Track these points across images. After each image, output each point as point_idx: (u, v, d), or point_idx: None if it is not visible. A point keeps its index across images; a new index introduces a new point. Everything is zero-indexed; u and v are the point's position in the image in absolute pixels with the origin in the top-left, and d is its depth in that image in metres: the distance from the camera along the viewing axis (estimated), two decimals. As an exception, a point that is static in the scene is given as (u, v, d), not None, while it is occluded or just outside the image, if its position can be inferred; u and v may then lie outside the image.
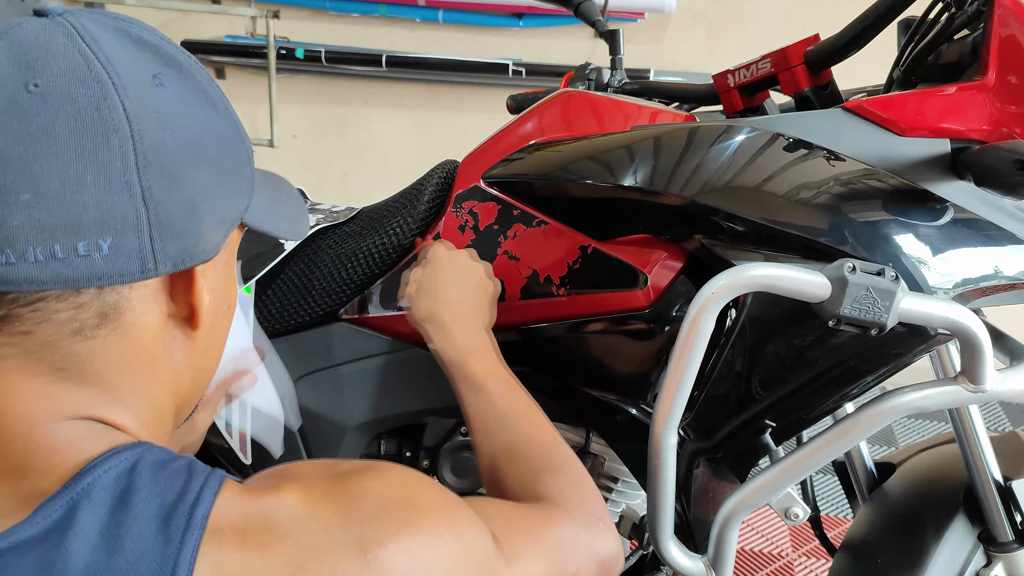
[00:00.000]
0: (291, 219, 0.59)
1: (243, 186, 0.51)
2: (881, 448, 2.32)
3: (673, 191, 0.76)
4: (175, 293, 0.49)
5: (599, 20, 1.22)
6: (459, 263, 0.80)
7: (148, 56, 0.46)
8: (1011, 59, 0.70)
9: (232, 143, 0.50)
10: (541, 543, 0.60)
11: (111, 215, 0.43)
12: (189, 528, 0.42)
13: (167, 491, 0.43)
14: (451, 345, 0.76)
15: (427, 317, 0.78)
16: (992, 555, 0.93)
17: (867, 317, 0.65)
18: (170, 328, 0.49)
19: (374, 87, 2.83)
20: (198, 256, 0.47)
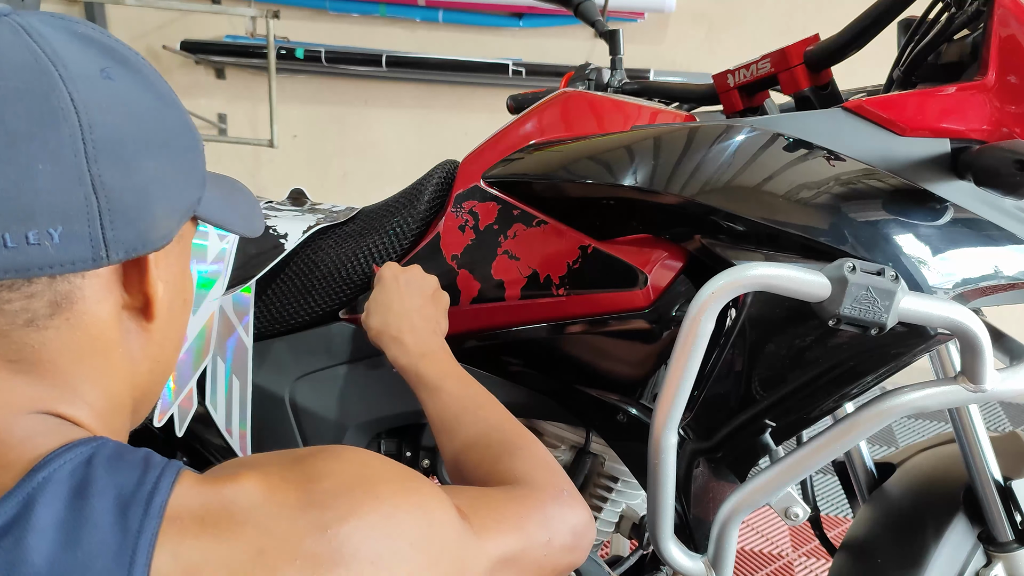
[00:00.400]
0: (244, 216, 0.60)
1: (195, 178, 0.52)
2: (881, 448, 2.32)
3: (673, 191, 0.76)
4: (129, 283, 0.49)
5: (599, 20, 1.22)
6: (404, 279, 0.83)
7: (95, 51, 0.47)
8: (1011, 59, 0.70)
9: (183, 136, 0.51)
10: (509, 517, 0.60)
11: (62, 203, 0.43)
12: (147, 517, 0.42)
13: (124, 483, 0.43)
14: (403, 353, 0.79)
15: (379, 333, 0.81)
16: (992, 555, 0.93)
17: (867, 317, 0.65)
18: (125, 319, 0.50)
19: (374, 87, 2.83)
20: (151, 243, 0.48)
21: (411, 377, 0.78)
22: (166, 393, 0.87)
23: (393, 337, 0.79)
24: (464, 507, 0.55)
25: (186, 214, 0.51)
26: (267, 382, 0.90)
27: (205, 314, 0.88)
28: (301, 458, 0.49)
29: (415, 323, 0.80)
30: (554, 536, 0.62)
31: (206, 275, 0.89)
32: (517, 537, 0.59)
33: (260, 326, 0.90)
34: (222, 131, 2.92)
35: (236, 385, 0.89)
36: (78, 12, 2.82)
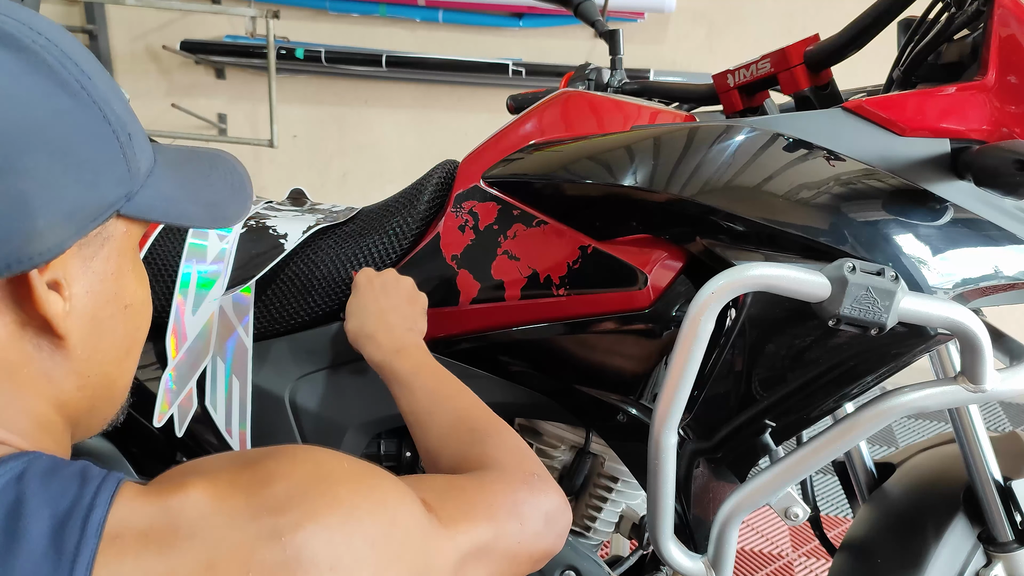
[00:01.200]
0: (209, 205, 0.54)
1: (109, 174, 0.45)
2: (881, 448, 2.32)
3: (673, 191, 0.76)
4: (19, 300, 0.43)
5: (599, 20, 1.22)
6: (379, 282, 0.84)
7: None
8: (1011, 59, 0.70)
9: (91, 128, 0.44)
10: (478, 506, 0.58)
11: None
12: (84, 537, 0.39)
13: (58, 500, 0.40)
14: (377, 350, 0.79)
15: (356, 334, 0.82)
16: (992, 555, 0.93)
17: (867, 317, 0.65)
18: (30, 337, 0.45)
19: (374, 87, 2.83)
20: (30, 258, 0.41)
21: (386, 373, 0.78)
22: (166, 393, 0.87)
23: (368, 336, 0.80)
24: (431, 499, 0.54)
25: (95, 216, 0.45)
26: (267, 382, 0.90)
27: (205, 314, 0.88)
28: (251, 461, 0.46)
29: (390, 321, 0.80)
30: (526, 522, 0.61)
31: (206, 275, 0.89)
32: (487, 526, 0.57)
33: (260, 326, 0.90)
34: (222, 131, 2.92)
35: (236, 385, 0.89)
36: (78, 12, 2.82)
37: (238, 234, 0.92)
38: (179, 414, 0.87)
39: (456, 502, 0.57)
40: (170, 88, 2.91)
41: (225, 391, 0.89)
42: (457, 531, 0.54)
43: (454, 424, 0.71)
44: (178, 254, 0.89)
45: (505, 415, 0.98)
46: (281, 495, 0.43)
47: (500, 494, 0.61)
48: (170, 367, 0.87)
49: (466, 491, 0.59)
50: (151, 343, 0.89)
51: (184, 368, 0.87)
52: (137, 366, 0.82)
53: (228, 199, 0.56)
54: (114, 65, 2.90)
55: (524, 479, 0.63)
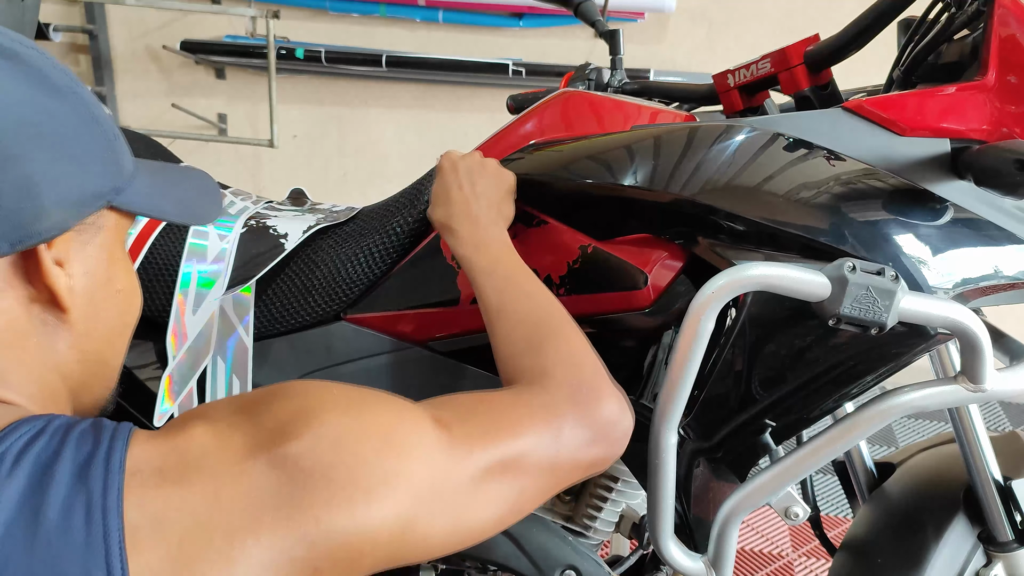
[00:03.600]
0: (181, 204, 0.60)
1: (103, 169, 0.52)
2: (881, 448, 2.32)
3: (673, 191, 0.76)
4: (29, 275, 0.50)
5: (599, 20, 1.22)
6: (463, 166, 0.82)
7: None
8: (1011, 59, 0.70)
9: (81, 127, 0.51)
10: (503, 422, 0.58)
11: None
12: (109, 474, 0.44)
13: (80, 449, 0.45)
14: (460, 243, 0.77)
15: (440, 225, 0.80)
16: (992, 555, 0.93)
17: (867, 316, 0.65)
18: (38, 310, 0.51)
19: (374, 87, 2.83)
20: (39, 234, 0.48)
21: (467, 267, 0.77)
22: (166, 393, 0.87)
23: (450, 228, 0.79)
24: (449, 418, 0.55)
25: (91, 204, 0.52)
26: (267, 382, 0.90)
27: (205, 314, 0.88)
28: (249, 402, 0.51)
29: (473, 213, 0.79)
30: (563, 436, 0.60)
31: (206, 275, 0.89)
32: (512, 442, 0.57)
33: (260, 326, 0.90)
34: (222, 131, 2.92)
35: (236, 385, 0.89)
36: (78, 12, 2.82)
37: (238, 234, 0.92)
38: (179, 414, 0.87)
39: (480, 419, 0.57)
40: (170, 88, 2.92)
41: (225, 391, 0.89)
42: (474, 447, 0.55)
43: (516, 327, 0.70)
44: (178, 254, 0.89)
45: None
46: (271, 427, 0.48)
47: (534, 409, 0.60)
48: (170, 367, 0.87)
49: (494, 408, 0.60)
50: (151, 343, 0.89)
51: (184, 368, 0.87)
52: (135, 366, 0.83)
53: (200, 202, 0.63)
54: (114, 65, 2.90)
55: (570, 392, 0.63)
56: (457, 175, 0.81)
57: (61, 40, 2.80)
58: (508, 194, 0.83)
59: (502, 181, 0.82)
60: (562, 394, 0.62)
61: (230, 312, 0.89)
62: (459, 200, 0.80)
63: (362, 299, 0.92)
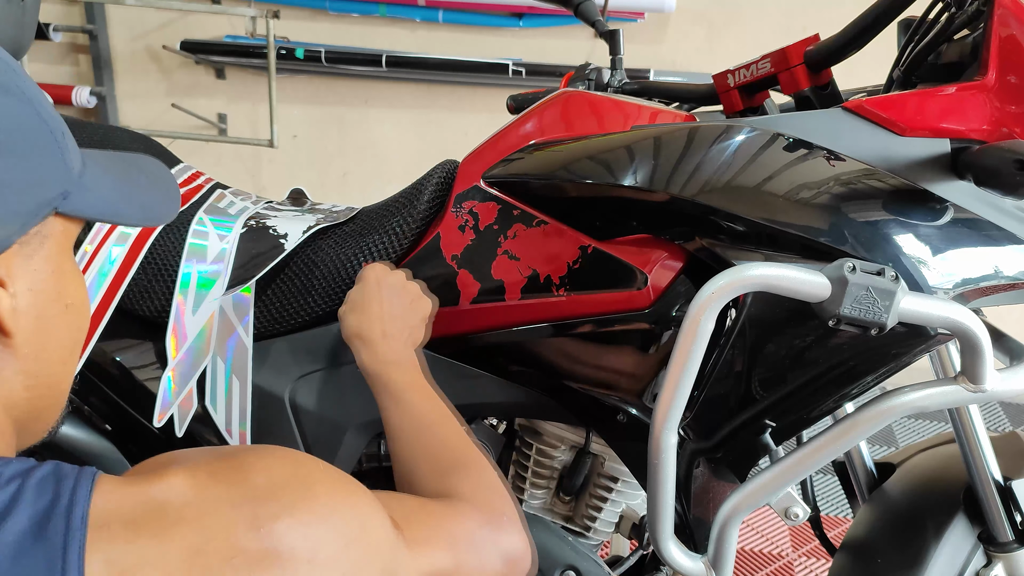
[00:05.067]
0: (143, 206, 0.55)
1: (47, 171, 0.46)
2: (881, 448, 2.32)
3: (673, 191, 0.76)
4: None
5: (599, 20, 1.22)
6: (388, 283, 0.82)
7: None
8: (1011, 59, 0.70)
9: (25, 129, 0.45)
10: (442, 533, 0.60)
11: None
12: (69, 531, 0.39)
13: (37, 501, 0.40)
14: (373, 358, 0.78)
15: (354, 333, 0.80)
16: (992, 555, 0.93)
17: (867, 317, 0.65)
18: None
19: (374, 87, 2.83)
20: None
21: (376, 383, 0.78)
22: (166, 393, 0.87)
23: (364, 340, 0.79)
24: (398, 518, 0.55)
25: (33, 215, 0.46)
26: (267, 382, 0.90)
27: (205, 314, 0.88)
28: (230, 455, 0.48)
29: (389, 330, 0.79)
30: (485, 560, 0.62)
31: (206, 275, 0.89)
32: (447, 555, 0.59)
33: (260, 326, 0.90)
34: (222, 131, 2.92)
35: (236, 385, 0.89)
36: (78, 12, 2.82)
37: (238, 234, 0.92)
38: (179, 414, 0.87)
39: (422, 525, 0.59)
40: (170, 88, 2.91)
41: (225, 391, 0.89)
42: (420, 552, 0.56)
43: (436, 450, 0.72)
44: (178, 254, 0.89)
45: (505, 415, 0.99)
46: (262, 486, 0.45)
47: (464, 526, 0.62)
48: (170, 367, 0.87)
49: (433, 516, 0.61)
50: (151, 343, 0.89)
51: (184, 368, 0.87)
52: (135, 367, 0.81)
53: (158, 199, 0.57)
54: (114, 65, 2.90)
55: (491, 518, 0.65)
56: (379, 291, 0.81)
57: (61, 40, 2.80)
58: (422, 320, 0.83)
59: (421, 307, 0.83)
60: (484, 517, 0.64)
61: (230, 312, 0.88)
62: (376, 315, 0.80)
63: (361, 299, 0.92)
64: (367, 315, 0.80)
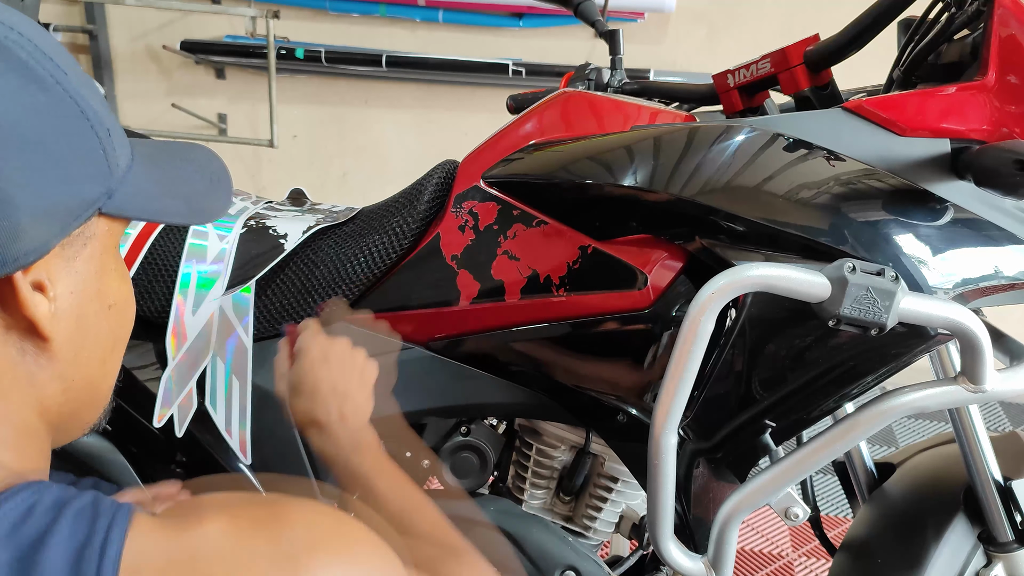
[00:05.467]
0: (189, 199, 0.52)
1: (90, 171, 0.44)
2: (881, 448, 2.32)
3: (673, 191, 0.76)
4: (3, 302, 0.42)
5: (599, 20, 1.22)
6: (336, 355, 0.76)
7: None
8: (1011, 59, 0.70)
9: (67, 124, 0.43)
10: None
11: None
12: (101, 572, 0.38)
13: (72, 535, 0.39)
14: (335, 448, 0.73)
15: (307, 421, 0.74)
16: (992, 555, 0.93)
17: (867, 317, 0.65)
18: (14, 340, 0.43)
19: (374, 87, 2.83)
20: (16, 259, 0.40)
21: (342, 475, 0.73)
22: (166, 393, 0.87)
23: (322, 427, 0.73)
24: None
25: (77, 215, 0.44)
26: (267, 382, 0.90)
27: (205, 314, 0.88)
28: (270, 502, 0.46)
29: (344, 411, 0.73)
30: None
31: (206, 275, 0.89)
32: None
33: (260, 327, 0.90)
34: (222, 131, 2.92)
35: (236, 386, 0.89)
36: (78, 12, 2.82)
37: (238, 234, 0.92)
38: (179, 414, 0.87)
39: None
40: (170, 88, 2.91)
41: (225, 391, 0.89)
42: None
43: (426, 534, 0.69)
44: (178, 254, 0.89)
45: (505, 415, 0.99)
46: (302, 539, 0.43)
47: None
48: (170, 367, 0.87)
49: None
50: (151, 343, 0.89)
51: (184, 368, 0.87)
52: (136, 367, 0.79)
53: (207, 193, 0.54)
54: (114, 65, 2.90)
55: None
56: (328, 368, 0.74)
57: (61, 40, 2.80)
58: (370, 393, 0.77)
59: (369, 376, 0.77)
60: None
61: (229, 312, 0.88)
62: (326, 395, 0.73)
63: (362, 299, 0.91)
64: (318, 399, 0.73)
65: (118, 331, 0.51)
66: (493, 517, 0.93)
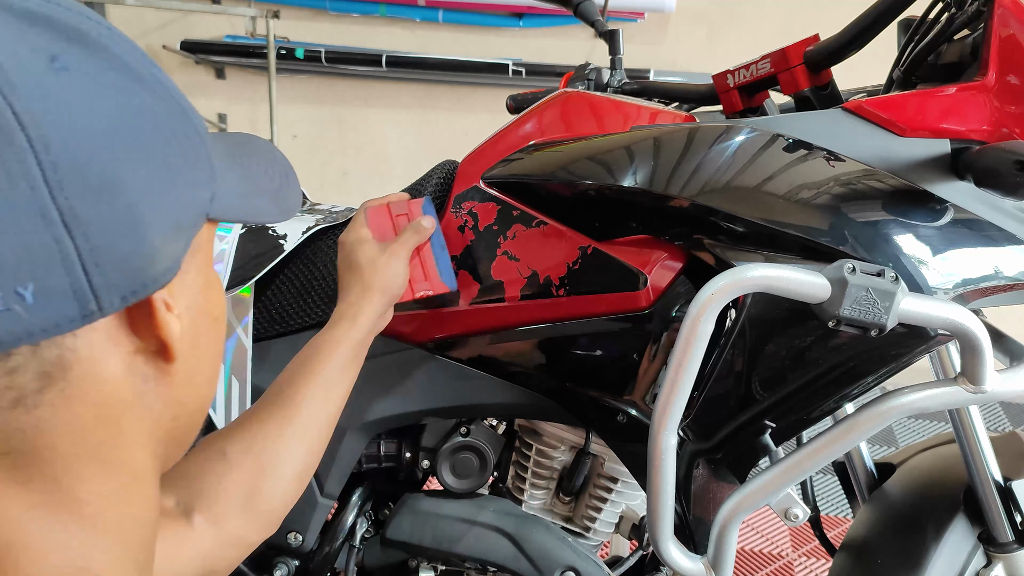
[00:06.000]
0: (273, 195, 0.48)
1: (199, 174, 0.40)
2: (881, 448, 2.32)
3: (673, 192, 0.76)
4: (136, 326, 0.38)
5: (599, 20, 1.22)
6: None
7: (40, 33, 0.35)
8: (1011, 59, 0.70)
9: (173, 124, 0.39)
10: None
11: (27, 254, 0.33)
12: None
13: None
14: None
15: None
16: (992, 555, 0.93)
17: (867, 318, 0.65)
18: (138, 366, 0.39)
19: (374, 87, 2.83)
20: (154, 280, 0.37)
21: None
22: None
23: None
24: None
25: (196, 224, 0.40)
26: (266, 383, 0.90)
27: (205, 315, 0.88)
28: None
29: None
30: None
31: (206, 276, 0.89)
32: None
33: (259, 327, 0.90)
34: (222, 131, 2.92)
35: (235, 386, 0.89)
36: (78, 12, 2.82)
37: (237, 234, 0.92)
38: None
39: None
40: (170, 88, 2.92)
41: (224, 391, 0.88)
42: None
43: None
44: (178, 254, 0.89)
45: (505, 415, 0.99)
46: None
47: None
48: (170, 368, 0.87)
49: None
50: (151, 344, 0.89)
51: (184, 369, 0.87)
52: None
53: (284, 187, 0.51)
54: (114, 65, 2.90)
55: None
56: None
57: (61, 40, 2.80)
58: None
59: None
60: None
61: (229, 313, 0.88)
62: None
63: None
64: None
65: (219, 346, 0.48)
66: (493, 517, 0.93)
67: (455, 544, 0.92)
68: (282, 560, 0.94)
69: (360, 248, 0.81)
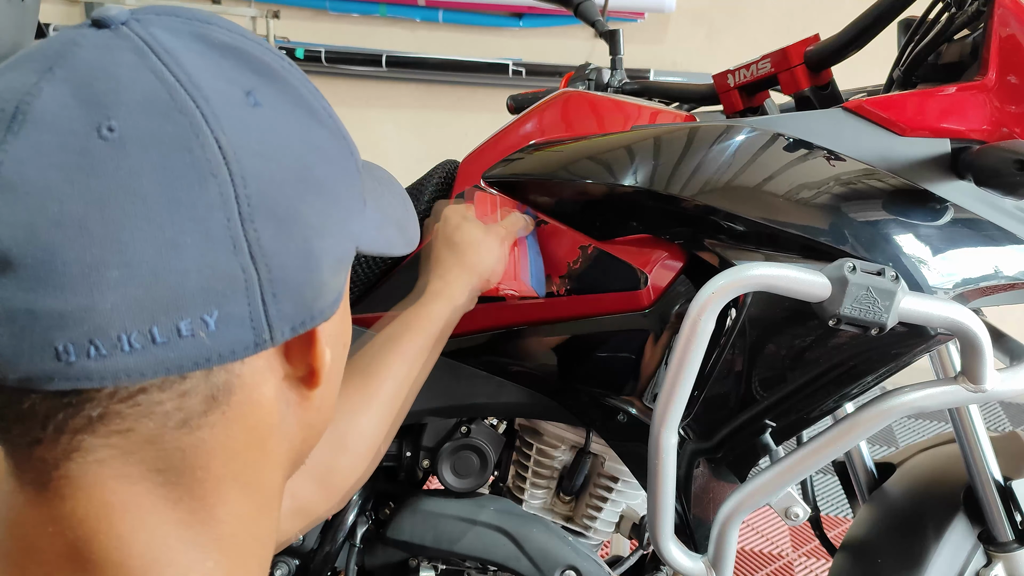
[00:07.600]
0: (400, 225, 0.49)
1: (355, 206, 0.41)
2: (881, 448, 2.32)
3: (673, 191, 0.76)
4: (292, 355, 0.39)
5: (599, 20, 1.22)
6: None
7: (235, 66, 0.36)
8: (1011, 59, 0.70)
9: (340, 157, 0.40)
10: None
11: (215, 281, 0.34)
12: None
13: None
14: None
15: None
16: (992, 555, 0.93)
17: (867, 317, 0.65)
18: (284, 391, 0.40)
19: (374, 87, 2.83)
20: (321, 312, 0.38)
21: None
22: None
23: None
24: None
25: (351, 257, 0.41)
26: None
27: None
28: None
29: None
30: None
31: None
32: None
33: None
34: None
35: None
36: (78, 12, 2.82)
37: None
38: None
39: None
40: (170, 88, 2.91)
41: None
42: None
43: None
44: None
45: (505, 415, 0.99)
46: None
47: None
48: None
49: None
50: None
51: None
52: None
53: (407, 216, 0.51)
54: (114, 65, 2.90)
55: None
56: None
57: (61, 40, 2.80)
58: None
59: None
60: None
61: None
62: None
63: (362, 300, 0.92)
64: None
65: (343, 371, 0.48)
66: (493, 517, 0.93)
67: (455, 543, 0.92)
68: (282, 559, 0.94)
69: (465, 226, 0.79)
